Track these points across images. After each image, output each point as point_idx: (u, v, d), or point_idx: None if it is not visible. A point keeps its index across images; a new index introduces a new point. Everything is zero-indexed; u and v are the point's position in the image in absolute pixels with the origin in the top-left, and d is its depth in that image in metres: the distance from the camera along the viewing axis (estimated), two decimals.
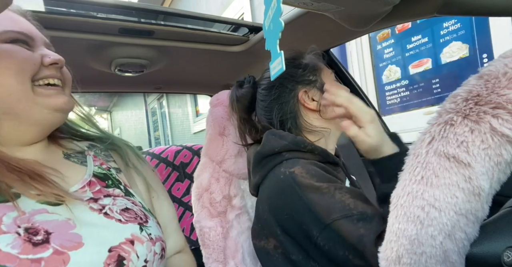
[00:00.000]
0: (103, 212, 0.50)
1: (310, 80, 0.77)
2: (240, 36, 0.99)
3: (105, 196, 0.53)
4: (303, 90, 0.75)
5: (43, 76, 0.51)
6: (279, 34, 0.45)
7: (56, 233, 0.43)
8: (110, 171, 0.60)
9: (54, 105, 0.51)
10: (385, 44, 2.04)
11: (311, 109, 0.76)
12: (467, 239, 0.37)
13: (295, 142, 0.70)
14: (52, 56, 0.52)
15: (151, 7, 0.84)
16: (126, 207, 0.54)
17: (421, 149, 0.39)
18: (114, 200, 0.54)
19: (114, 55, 0.94)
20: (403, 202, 0.39)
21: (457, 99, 0.38)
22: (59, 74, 0.54)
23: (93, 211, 0.49)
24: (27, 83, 0.49)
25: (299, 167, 0.64)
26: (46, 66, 0.52)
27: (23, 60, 0.49)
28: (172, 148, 1.31)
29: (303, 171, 0.63)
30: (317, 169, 0.64)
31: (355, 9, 0.61)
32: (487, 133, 0.35)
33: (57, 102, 0.52)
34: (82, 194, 0.52)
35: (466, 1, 0.57)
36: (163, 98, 6.15)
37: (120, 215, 0.51)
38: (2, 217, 0.42)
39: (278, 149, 0.70)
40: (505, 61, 0.36)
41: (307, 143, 0.70)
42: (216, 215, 0.89)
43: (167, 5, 4.71)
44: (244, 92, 0.83)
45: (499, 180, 0.36)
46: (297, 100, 0.76)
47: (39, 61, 0.51)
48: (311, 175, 0.62)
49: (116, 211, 0.51)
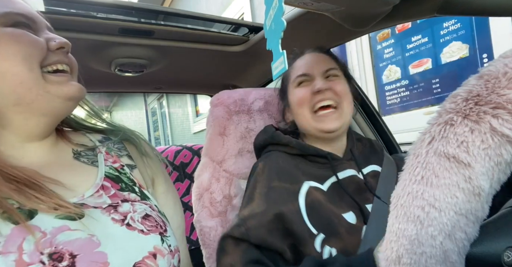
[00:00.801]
0: (125, 223, 0.47)
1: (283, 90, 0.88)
2: (240, 36, 0.99)
3: (123, 201, 0.51)
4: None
5: (51, 62, 0.48)
6: (281, 33, 0.45)
7: (81, 255, 0.40)
8: (123, 169, 0.57)
9: (67, 93, 0.48)
10: (385, 44, 2.04)
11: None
12: (467, 239, 0.37)
13: (273, 136, 0.79)
14: (57, 40, 0.49)
15: (151, 7, 0.84)
16: (146, 213, 0.51)
17: (421, 149, 0.39)
18: (132, 205, 0.51)
19: (114, 55, 0.94)
20: (403, 202, 0.39)
21: (457, 99, 0.38)
22: (66, 59, 0.51)
23: (115, 222, 0.46)
24: (37, 69, 0.46)
25: (263, 163, 0.75)
26: (52, 51, 0.48)
27: (29, 45, 0.45)
28: (172, 148, 1.31)
29: (264, 166, 0.74)
30: (279, 166, 0.73)
31: (355, 9, 0.61)
32: (487, 133, 0.35)
33: (69, 90, 0.48)
34: (98, 199, 0.48)
35: (466, 1, 0.57)
36: (163, 98, 6.15)
37: (142, 225, 0.48)
38: (22, 244, 0.38)
39: (263, 142, 0.82)
40: (505, 61, 0.36)
41: (282, 136, 0.78)
42: (216, 215, 0.89)
43: (167, 5, 4.71)
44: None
45: (499, 180, 0.36)
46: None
47: (45, 45, 0.47)
48: (263, 172, 0.73)
49: (138, 219, 0.49)
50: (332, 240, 0.65)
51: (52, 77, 0.47)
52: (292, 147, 0.76)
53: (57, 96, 0.47)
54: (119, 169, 0.56)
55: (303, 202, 0.68)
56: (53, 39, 0.49)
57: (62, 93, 0.47)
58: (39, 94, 0.46)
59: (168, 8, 1.12)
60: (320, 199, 0.69)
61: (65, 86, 0.48)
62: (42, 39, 0.48)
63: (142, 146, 0.63)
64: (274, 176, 0.71)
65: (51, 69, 0.48)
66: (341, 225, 0.67)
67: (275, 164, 0.74)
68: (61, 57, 0.49)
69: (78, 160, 0.53)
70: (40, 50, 0.46)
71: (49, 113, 0.48)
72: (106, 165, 0.55)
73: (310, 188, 0.70)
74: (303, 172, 0.73)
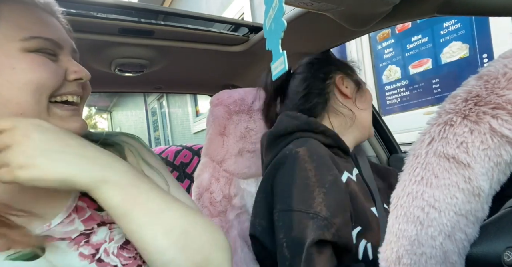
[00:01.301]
0: (96, 258, 0.42)
1: (347, 72, 0.82)
2: (240, 36, 0.99)
3: (100, 225, 0.45)
4: (340, 76, 0.80)
5: (62, 92, 0.45)
6: (281, 33, 0.45)
7: None
8: None
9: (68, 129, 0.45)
10: (385, 44, 2.04)
11: (343, 94, 0.79)
12: (467, 239, 0.37)
13: (308, 122, 0.72)
14: (78, 72, 0.46)
15: (151, 7, 0.84)
16: (124, 239, 0.46)
17: (420, 150, 0.39)
18: (110, 230, 0.46)
19: (114, 55, 0.94)
20: (403, 202, 0.39)
21: (457, 99, 0.38)
22: (80, 90, 0.48)
23: (83, 259, 0.41)
24: (44, 102, 0.42)
25: (305, 148, 0.66)
26: (69, 81, 0.46)
27: (46, 76, 0.42)
28: (172, 148, 1.31)
29: (307, 153, 0.65)
30: (322, 154, 0.65)
31: (355, 9, 0.61)
32: (487, 134, 0.35)
33: (72, 127, 0.45)
34: (69, 226, 0.43)
35: (466, 1, 0.57)
36: (163, 98, 6.15)
37: (118, 258, 0.43)
38: None
39: (290, 128, 0.73)
40: (505, 61, 0.36)
41: (319, 124, 0.72)
42: (216, 215, 0.89)
43: (167, 5, 4.72)
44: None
45: (499, 180, 0.36)
46: (333, 83, 0.80)
47: (62, 75, 0.45)
48: (312, 160, 0.64)
49: (113, 251, 0.44)
50: (368, 233, 0.65)
51: (57, 111, 0.44)
52: (328, 136, 0.72)
53: None
54: None
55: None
56: (73, 71, 0.46)
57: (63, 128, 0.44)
58: None
59: (168, 8, 1.11)
60: (356, 191, 0.68)
61: (67, 122, 0.45)
62: (61, 69, 0.45)
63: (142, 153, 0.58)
64: (329, 162, 0.64)
65: (60, 99, 0.45)
66: (373, 219, 0.67)
67: (323, 150, 0.67)
68: (75, 88, 0.47)
69: None
70: (56, 82, 0.43)
71: None
72: None
73: (348, 178, 0.69)
74: (339, 160, 0.71)
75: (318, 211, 0.58)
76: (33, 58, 0.42)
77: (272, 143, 0.75)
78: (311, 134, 0.71)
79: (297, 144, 0.68)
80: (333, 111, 0.79)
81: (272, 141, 0.76)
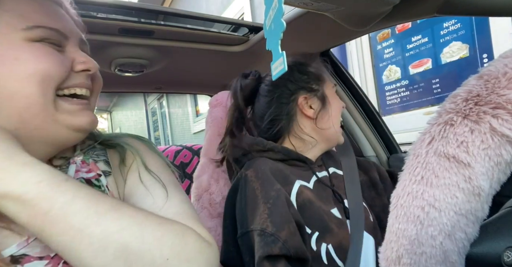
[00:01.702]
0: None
1: (312, 88, 0.79)
2: (240, 36, 0.99)
3: None
4: (303, 96, 0.78)
5: (70, 84, 0.43)
6: (280, 34, 0.45)
7: None
8: (99, 180, 0.48)
9: (78, 125, 0.43)
10: (385, 44, 2.04)
11: (306, 116, 0.79)
12: (467, 239, 0.37)
13: (255, 142, 0.77)
14: (85, 63, 0.44)
15: (151, 7, 0.84)
16: None
17: (421, 149, 0.39)
18: None
19: (114, 55, 0.94)
20: (403, 202, 0.39)
21: (457, 99, 0.38)
22: (89, 82, 0.46)
23: None
24: (51, 94, 0.40)
25: (252, 170, 0.71)
26: (76, 72, 0.44)
27: (52, 66, 0.40)
28: (172, 148, 1.31)
29: (254, 173, 0.69)
30: (265, 171, 0.69)
31: (355, 9, 0.61)
32: (487, 133, 0.35)
33: (81, 122, 0.43)
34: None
35: (466, 1, 0.57)
36: (163, 98, 6.15)
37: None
38: None
39: (242, 151, 0.78)
40: (505, 61, 0.36)
41: (265, 142, 0.76)
42: (216, 216, 0.89)
43: (167, 5, 4.71)
44: (249, 82, 0.85)
45: (499, 180, 0.36)
46: (296, 105, 0.79)
47: (69, 66, 0.43)
48: (258, 178, 0.68)
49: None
50: (327, 236, 0.68)
51: (65, 105, 0.42)
52: (277, 152, 0.75)
53: (65, 126, 0.42)
54: (92, 179, 0.48)
55: (295, 203, 0.69)
56: (80, 61, 0.44)
57: (71, 124, 0.43)
58: (45, 121, 0.41)
59: (168, 8, 1.12)
60: (310, 197, 0.71)
61: (76, 116, 0.43)
62: (68, 59, 0.43)
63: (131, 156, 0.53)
64: (272, 178, 0.68)
65: (68, 92, 0.43)
66: (332, 221, 0.70)
67: (267, 167, 0.71)
68: (83, 80, 0.44)
69: None
70: (62, 73, 0.41)
71: (51, 143, 0.43)
72: (77, 178, 0.47)
73: (301, 186, 0.71)
74: (291, 172, 0.74)
75: (265, 227, 0.61)
76: (38, 48, 0.40)
77: (231, 167, 0.82)
78: (261, 153, 0.76)
79: (247, 166, 0.74)
80: (294, 134, 0.79)
81: (230, 166, 0.82)
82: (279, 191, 0.66)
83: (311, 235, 0.67)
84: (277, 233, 0.60)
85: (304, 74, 0.80)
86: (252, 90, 0.85)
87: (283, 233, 0.60)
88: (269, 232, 0.60)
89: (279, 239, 0.59)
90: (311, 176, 0.77)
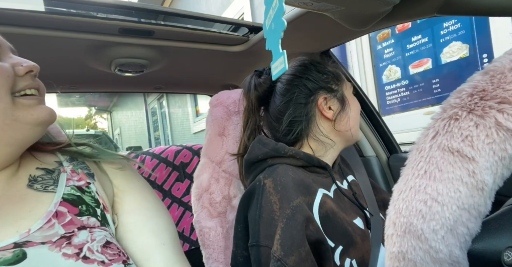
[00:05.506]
0: (81, 256, 0.41)
1: (331, 88, 0.76)
2: (240, 36, 0.98)
3: (80, 229, 0.45)
4: (323, 97, 0.75)
5: (20, 88, 0.45)
6: (281, 33, 0.45)
7: None
8: (89, 187, 0.51)
9: (37, 117, 0.45)
10: (385, 44, 2.04)
11: (325, 117, 0.75)
12: (469, 234, 0.37)
13: (276, 148, 0.72)
14: (24, 64, 0.46)
15: (151, 7, 0.84)
16: (106, 240, 0.46)
17: (424, 144, 0.39)
18: (91, 233, 0.45)
19: (114, 55, 0.94)
20: (405, 196, 0.38)
21: (462, 94, 0.38)
22: (35, 82, 0.48)
23: (68, 257, 0.40)
24: (6, 97, 0.43)
25: (270, 179, 0.67)
26: (21, 76, 0.45)
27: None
28: (172, 148, 1.31)
29: (272, 185, 0.66)
30: (286, 183, 0.65)
31: (355, 9, 0.61)
32: (492, 127, 0.35)
33: (40, 114, 0.45)
34: (49, 230, 0.42)
35: (466, 1, 0.57)
36: (163, 98, 6.15)
37: (103, 255, 0.43)
38: None
39: (261, 156, 0.73)
40: (511, 57, 0.36)
41: (287, 148, 0.71)
42: (216, 215, 0.89)
43: (167, 5, 4.72)
44: (263, 81, 0.81)
45: (503, 175, 0.36)
46: (315, 105, 0.75)
47: (12, 71, 0.44)
48: (277, 191, 0.64)
49: (97, 249, 0.43)
50: (351, 250, 0.64)
51: (22, 101, 0.45)
52: (298, 159, 0.71)
53: (25, 123, 0.44)
54: (83, 187, 0.51)
55: (317, 214, 0.65)
56: (19, 64, 0.46)
57: (32, 118, 0.45)
58: (5, 124, 0.42)
59: (168, 8, 1.11)
60: (333, 207, 0.67)
61: (35, 110, 0.45)
62: (7, 65, 0.45)
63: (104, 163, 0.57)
64: (292, 192, 0.64)
65: (19, 94, 0.45)
66: (356, 233, 0.66)
67: (288, 178, 0.67)
68: (29, 81, 0.47)
69: (32, 188, 0.47)
70: (7, 78, 0.43)
71: (14, 143, 0.45)
72: (68, 185, 0.49)
73: (323, 196, 0.68)
74: (313, 180, 0.70)
75: (275, 250, 0.59)
76: None
77: (247, 169, 0.78)
78: (281, 159, 0.72)
79: (265, 174, 0.70)
80: (313, 137, 0.76)
81: (247, 168, 0.78)
82: (295, 208, 0.62)
83: (334, 249, 0.63)
84: (284, 258, 0.58)
85: (324, 74, 0.76)
86: (266, 89, 0.80)
87: (291, 259, 0.58)
88: (276, 256, 0.58)
89: (285, 265, 0.57)
90: (331, 184, 0.73)
